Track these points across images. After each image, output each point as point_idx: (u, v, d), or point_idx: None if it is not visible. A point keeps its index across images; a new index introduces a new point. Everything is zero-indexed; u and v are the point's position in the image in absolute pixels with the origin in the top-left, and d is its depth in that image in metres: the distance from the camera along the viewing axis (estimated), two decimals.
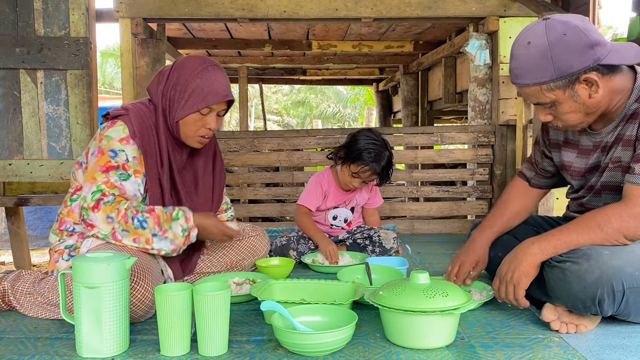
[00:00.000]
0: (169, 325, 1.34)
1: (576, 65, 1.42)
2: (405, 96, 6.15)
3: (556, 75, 1.43)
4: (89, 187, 1.65)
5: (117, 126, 1.71)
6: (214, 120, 1.79)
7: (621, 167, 1.54)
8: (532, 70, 1.46)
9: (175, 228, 1.67)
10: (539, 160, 1.84)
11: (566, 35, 1.41)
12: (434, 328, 1.35)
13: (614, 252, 1.38)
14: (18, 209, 3.40)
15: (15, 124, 2.97)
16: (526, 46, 1.47)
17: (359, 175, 2.41)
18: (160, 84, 1.80)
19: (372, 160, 2.37)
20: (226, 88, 1.79)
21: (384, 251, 2.44)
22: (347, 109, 19.93)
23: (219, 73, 1.79)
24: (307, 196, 2.53)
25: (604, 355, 1.32)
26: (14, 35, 2.93)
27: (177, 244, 1.69)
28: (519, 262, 1.47)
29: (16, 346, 1.43)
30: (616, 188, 1.56)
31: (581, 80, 1.44)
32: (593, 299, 1.37)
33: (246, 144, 3.31)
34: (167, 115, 1.78)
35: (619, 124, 1.54)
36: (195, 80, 1.74)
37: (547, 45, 1.42)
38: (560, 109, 1.50)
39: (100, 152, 1.68)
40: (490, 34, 3.33)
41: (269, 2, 3.21)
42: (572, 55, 1.41)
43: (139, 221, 1.63)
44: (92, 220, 1.63)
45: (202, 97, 1.74)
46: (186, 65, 1.78)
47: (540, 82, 1.46)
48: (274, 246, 2.45)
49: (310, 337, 1.31)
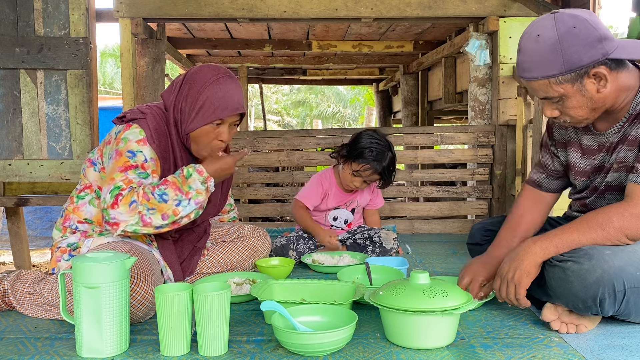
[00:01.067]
0: (169, 325, 1.34)
1: (585, 59, 1.40)
2: (405, 96, 6.15)
3: (565, 68, 1.42)
4: (107, 188, 1.63)
5: (134, 129, 1.69)
6: (226, 132, 1.75)
7: (625, 167, 1.53)
8: (541, 64, 1.44)
9: (195, 185, 1.66)
10: (548, 162, 1.80)
11: (576, 28, 1.40)
12: (434, 328, 1.35)
13: (616, 251, 1.38)
14: (18, 209, 3.40)
15: (15, 124, 2.97)
16: (535, 39, 1.44)
17: (360, 174, 2.41)
18: (172, 94, 1.77)
19: (373, 159, 2.37)
20: (237, 101, 1.74)
21: (384, 251, 2.44)
22: (347, 109, 19.93)
23: (231, 84, 1.75)
24: (306, 193, 2.52)
25: (604, 355, 1.32)
26: (14, 35, 2.93)
27: (200, 201, 1.66)
28: (520, 262, 1.46)
29: (16, 346, 1.43)
30: (620, 188, 1.56)
31: (590, 75, 1.43)
32: (594, 299, 1.37)
33: (246, 144, 3.31)
34: (178, 126, 1.76)
35: (625, 124, 1.53)
36: (206, 92, 1.70)
37: (556, 38, 1.41)
38: (568, 104, 1.49)
39: (118, 154, 1.66)
40: (490, 34, 3.33)
41: (269, 2, 3.21)
42: (581, 49, 1.40)
43: (159, 195, 1.60)
44: (115, 217, 1.59)
45: (212, 110, 1.70)
46: (197, 76, 1.74)
47: (549, 76, 1.44)
48: (274, 246, 2.45)
49: (310, 337, 1.31)
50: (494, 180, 3.33)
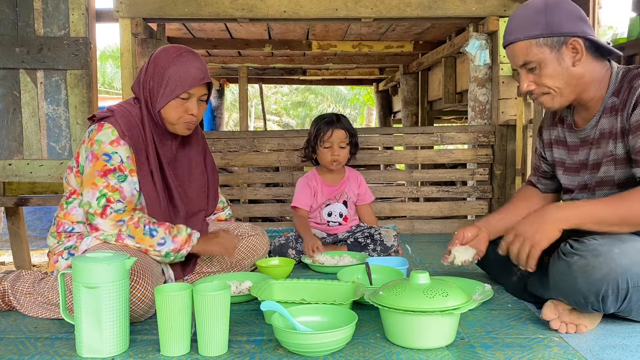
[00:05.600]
0: (169, 325, 1.34)
1: (566, 27, 1.52)
2: (405, 96, 6.15)
3: (547, 31, 1.52)
4: (91, 193, 1.67)
5: (106, 129, 1.72)
6: (195, 106, 1.79)
7: (615, 160, 1.56)
8: (525, 24, 1.55)
9: (182, 231, 1.75)
10: (538, 164, 1.89)
11: (562, 2, 1.54)
12: (434, 328, 1.35)
13: (624, 250, 1.37)
14: (18, 209, 3.40)
15: (15, 124, 2.97)
16: (524, 5, 1.59)
17: (331, 144, 2.55)
18: (140, 78, 1.82)
19: (328, 122, 2.57)
20: (202, 71, 1.78)
21: (384, 249, 2.45)
22: (347, 109, 19.92)
23: (194, 58, 1.79)
24: (298, 197, 2.62)
25: (604, 355, 1.32)
26: (14, 35, 2.93)
27: (179, 241, 1.73)
28: (542, 223, 1.44)
29: (16, 346, 1.43)
30: (611, 184, 1.58)
31: (568, 44, 1.52)
32: (597, 295, 1.37)
33: (246, 144, 3.31)
34: (149, 107, 1.79)
35: (600, 118, 1.59)
36: (171, 67, 1.75)
37: (544, 4, 1.54)
38: (545, 71, 1.56)
39: (94, 157, 1.70)
40: (490, 34, 3.33)
41: (269, 2, 3.21)
42: (564, 18, 1.52)
43: (150, 229, 1.69)
44: (98, 224, 1.67)
45: (179, 83, 1.74)
46: (161, 55, 1.79)
47: (531, 36, 1.54)
48: (273, 246, 2.45)
49: (310, 337, 1.31)
50: (494, 180, 3.33)
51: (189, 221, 1.89)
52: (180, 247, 1.73)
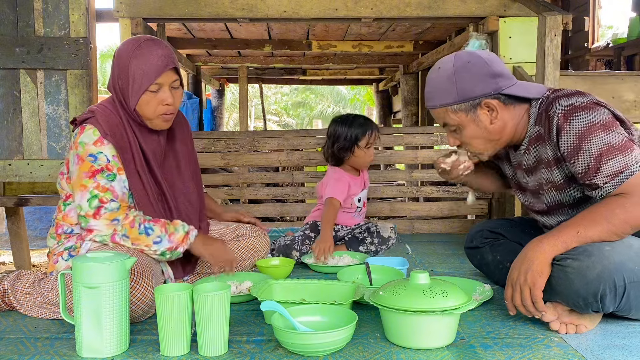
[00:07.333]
0: (169, 325, 1.34)
1: (477, 91, 1.55)
2: (405, 96, 6.14)
3: (459, 98, 1.56)
4: (81, 195, 1.66)
5: (87, 130, 1.70)
6: (168, 95, 1.74)
7: (555, 187, 1.60)
8: (440, 93, 1.59)
9: (179, 228, 1.73)
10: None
11: (470, 63, 1.56)
12: (434, 328, 1.35)
13: (615, 247, 1.38)
14: (18, 209, 3.40)
15: (15, 124, 2.97)
16: (437, 70, 1.62)
17: (370, 143, 2.57)
18: (109, 80, 1.79)
19: (365, 123, 2.57)
20: (165, 58, 1.72)
21: (382, 241, 2.48)
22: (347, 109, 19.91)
23: (155, 46, 1.73)
24: (337, 190, 2.55)
25: (604, 355, 1.33)
26: (14, 35, 2.93)
27: (176, 240, 1.71)
28: (530, 262, 1.42)
29: (16, 346, 1.43)
30: (564, 205, 1.62)
31: (482, 106, 1.56)
32: (595, 295, 1.37)
33: (246, 144, 3.31)
34: (125, 106, 1.76)
35: (528, 146, 1.63)
36: (132, 61, 1.70)
37: (452, 70, 1.56)
38: (465, 133, 1.61)
39: (80, 159, 1.68)
40: (490, 34, 3.33)
41: (269, 2, 3.21)
42: (474, 81, 1.55)
43: (145, 228, 1.67)
44: (92, 225, 1.65)
45: (144, 76, 1.69)
46: (121, 52, 1.74)
47: (446, 104, 1.58)
48: (278, 245, 2.46)
49: (310, 337, 1.31)
50: None
51: (183, 216, 1.87)
52: (176, 246, 1.71)
